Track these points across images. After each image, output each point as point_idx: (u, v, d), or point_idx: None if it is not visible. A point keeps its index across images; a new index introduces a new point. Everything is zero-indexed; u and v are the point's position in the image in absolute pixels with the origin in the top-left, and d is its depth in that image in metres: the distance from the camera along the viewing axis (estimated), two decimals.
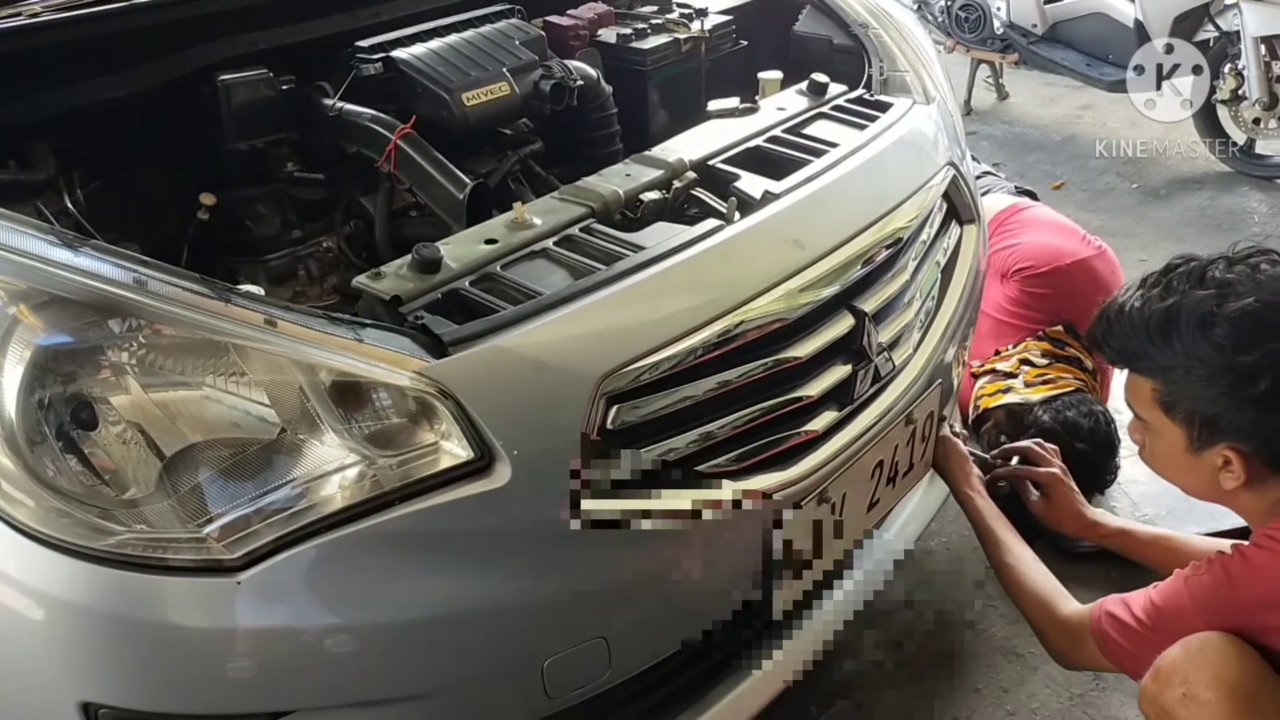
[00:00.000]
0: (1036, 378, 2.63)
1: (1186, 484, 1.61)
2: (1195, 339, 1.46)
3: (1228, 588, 1.49)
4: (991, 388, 2.67)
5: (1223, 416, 1.47)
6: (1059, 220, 2.97)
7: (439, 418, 1.28)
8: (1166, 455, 1.58)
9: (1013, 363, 2.68)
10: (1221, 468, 1.51)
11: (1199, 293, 1.47)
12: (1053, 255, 2.75)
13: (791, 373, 1.55)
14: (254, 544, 1.21)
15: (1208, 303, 1.46)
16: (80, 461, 1.21)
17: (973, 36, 4.97)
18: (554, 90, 1.86)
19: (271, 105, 1.77)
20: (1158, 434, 1.57)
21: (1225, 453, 1.49)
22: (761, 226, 1.58)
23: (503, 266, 1.46)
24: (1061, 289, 2.72)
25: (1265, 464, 1.49)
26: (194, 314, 1.21)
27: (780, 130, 1.86)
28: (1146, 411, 1.57)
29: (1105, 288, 2.74)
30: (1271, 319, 1.43)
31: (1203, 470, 1.53)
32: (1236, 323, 1.43)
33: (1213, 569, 1.51)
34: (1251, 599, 1.47)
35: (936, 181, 1.89)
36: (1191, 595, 1.51)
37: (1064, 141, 4.84)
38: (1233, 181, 4.35)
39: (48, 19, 1.59)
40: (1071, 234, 2.89)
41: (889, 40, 2.14)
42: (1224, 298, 1.45)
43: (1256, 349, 1.42)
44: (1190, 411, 1.50)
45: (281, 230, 1.82)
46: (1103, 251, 2.83)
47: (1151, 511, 2.47)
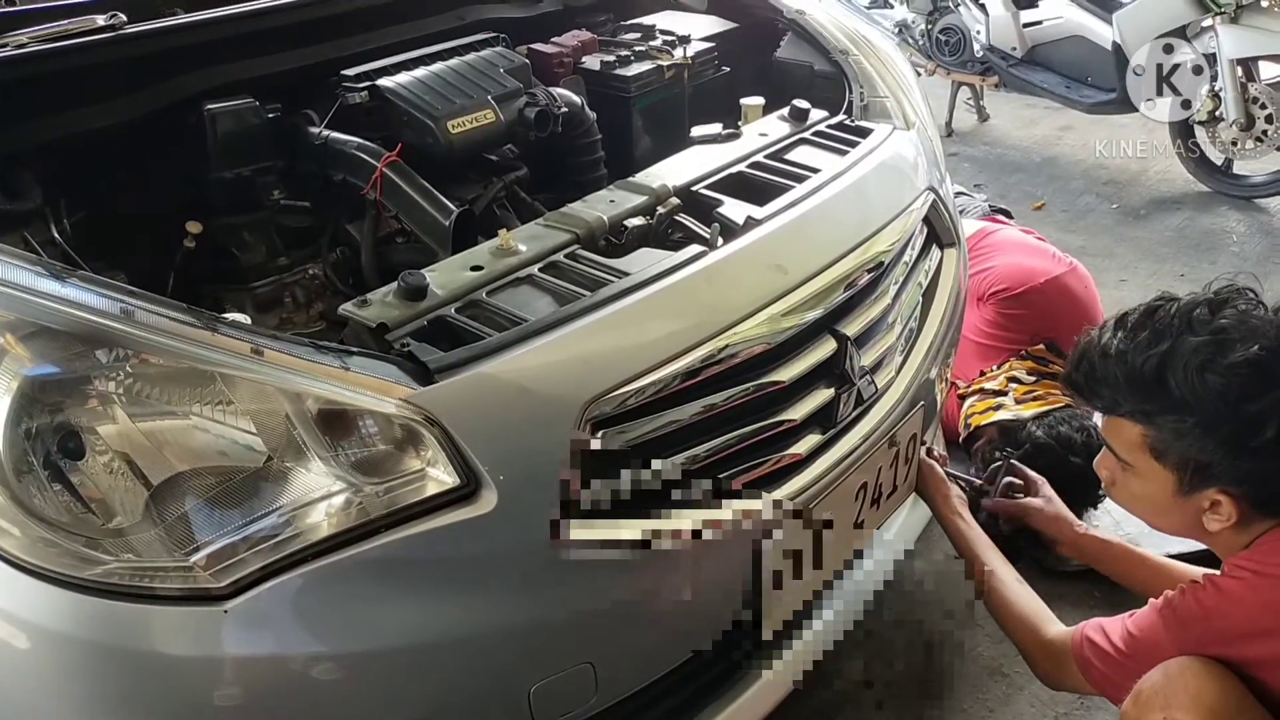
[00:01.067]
0: (1026, 394, 2.64)
1: (1168, 524, 1.59)
2: (1193, 388, 1.43)
3: (1201, 619, 1.49)
4: (982, 405, 2.68)
5: (1219, 463, 1.45)
6: (1028, 240, 3.00)
7: (425, 444, 1.28)
8: (1148, 497, 1.56)
9: (1000, 381, 2.70)
10: (1208, 509, 1.49)
11: (1192, 339, 1.44)
12: (1025, 275, 2.78)
13: (775, 396, 1.56)
14: (241, 572, 1.21)
15: (1204, 350, 1.43)
16: (67, 491, 1.21)
17: (953, 60, 5.01)
18: (539, 117, 1.87)
19: (258, 134, 1.78)
20: (1142, 477, 1.54)
21: (1216, 496, 1.47)
22: (745, 252, 1.60)
23: (488, 293, 1.47)
24: (1038, 308, 2.75)
25: (1251, 505, 1.48)
26: (181, 344, 1.22)
27: (763, 156, 1.88)
28: (1132, 455, 1.53)
29: (1080, 303, 2.78)
30: (1275, 367, 1.41)
31: (1187, 512, 1.52)
32: (1240, 371, 1.41)
33: (1186, 600, 1.51)
34: (1225, 630, 1.47)
35: (917, 206, 1.91)
36: (1166, 626, 1.51)
37: (1044, 162, 4.88)
38: (1211, 201, 4.39)
39: (34, 50, 1.59)
40: (1042, 253, 2.91)
41: (869, 67, 2.16)
42: (1221, 345, 1.43)
43: (1261, 398, 1.40)
44: (1184, 458, 1.47)
45: (268, 258, 1.82)
46: (1074, 268, 2.86)
47: (1133, 529, 2.47)
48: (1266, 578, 1.46)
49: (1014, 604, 1.78)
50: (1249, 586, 1.47)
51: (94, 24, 1.65)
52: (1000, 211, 3.33)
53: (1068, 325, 2.74)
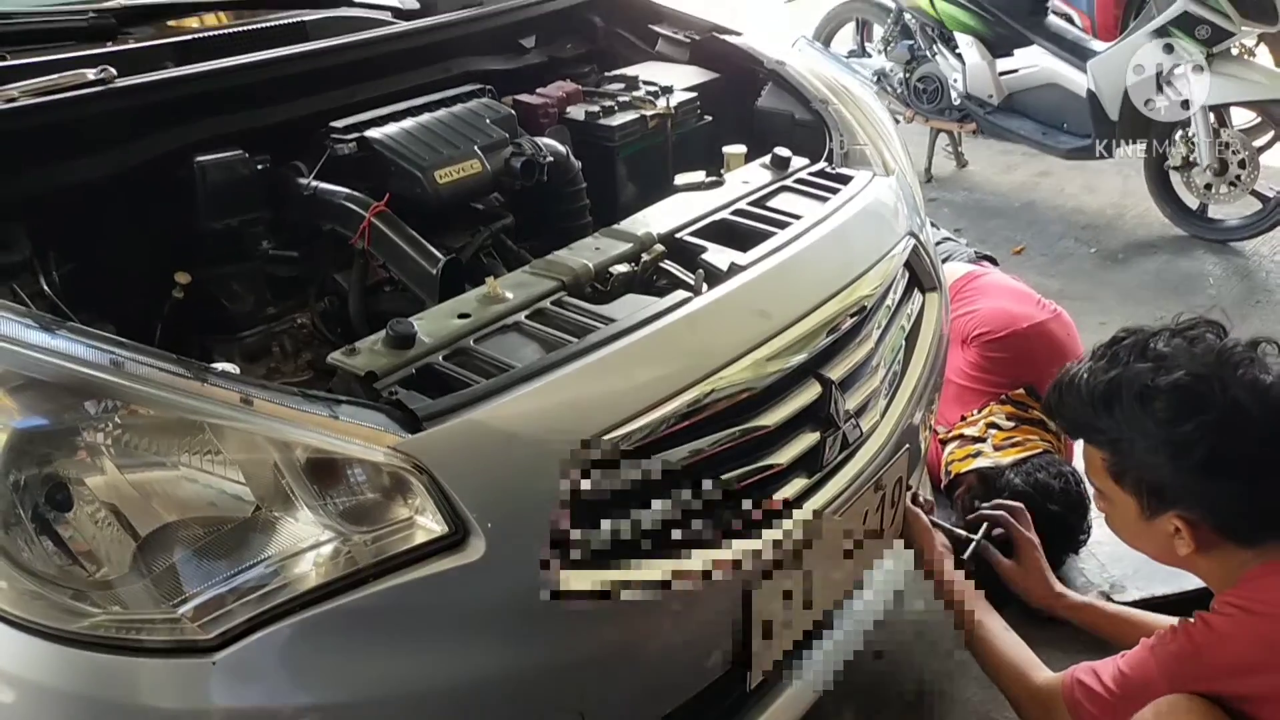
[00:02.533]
0: (1005, 440, 2.66)
1: (1148, 550, 1.65)
2: (1135, 411, 1.51)
3: (1192, 656, 1.51)
4: (961, 452, 2.69)
5: (1167, 485, 1.52)
6: (1014, 285, 3.04)
7: (413, 492, 1.29)
8: (1123, 523, 1.63)
9: (979, 427, 2.71)
10: (1174, 535, 1.54)
11: (1139, 365, 1.53)
12: (1009, 320, 2.81)
13: (761, 441, 1.57)
14: (228, 624, 1.21)
15: (1145, 375, 1.51)
16: (54, 543, 1.21)
17: (931, 107, 5.07)
18: (524, 167, 1.89)
19: (247, 185, 1.79)
20: (1112, 502, 1.62)
21: (1174, 521, 1.53)
22: (729, 297, 1.61)
23: (476, 340, 1.47)
24: (1020, 353, 2.77)
25: (1215, 531, 1.52)
26: (170, 394, 1.22)
27: (745, 203, 1.90)
28: (1100, 481, 1.62)
29: (1062, 350, 2.79)
30: (1202, 390, 1.48)
31: (1158, 537, 1.57)
32: (1169, 395, 1.49)
33: (1177, 638, 1.54)
34: (1215, 666, 1.49)
35: (898, 251, 1.94)
36: (1158, 664, 1.53)
37: (1023, 207, 4.94)
38: (1188, 245, 4.45)
39: (24, 104, 1.60)
40: (1027, 298, 2.94)
41: (848, 115, 2.19)
42: (1158, 371, 1.51)
43: (1189, 420, 1.47)
44: (1138, 480, 1.55)
45: (256, 307, 1.83)
46: (1058, 315, 2.89)
47: (1119, 573, 2.49)
48: (1255, 615, 1.49)
49: (1001, 652, 1.78)
50: (1237, 624, 1.50)
51: (84, 78, 1.66)
52: (985, 258, 3.37)
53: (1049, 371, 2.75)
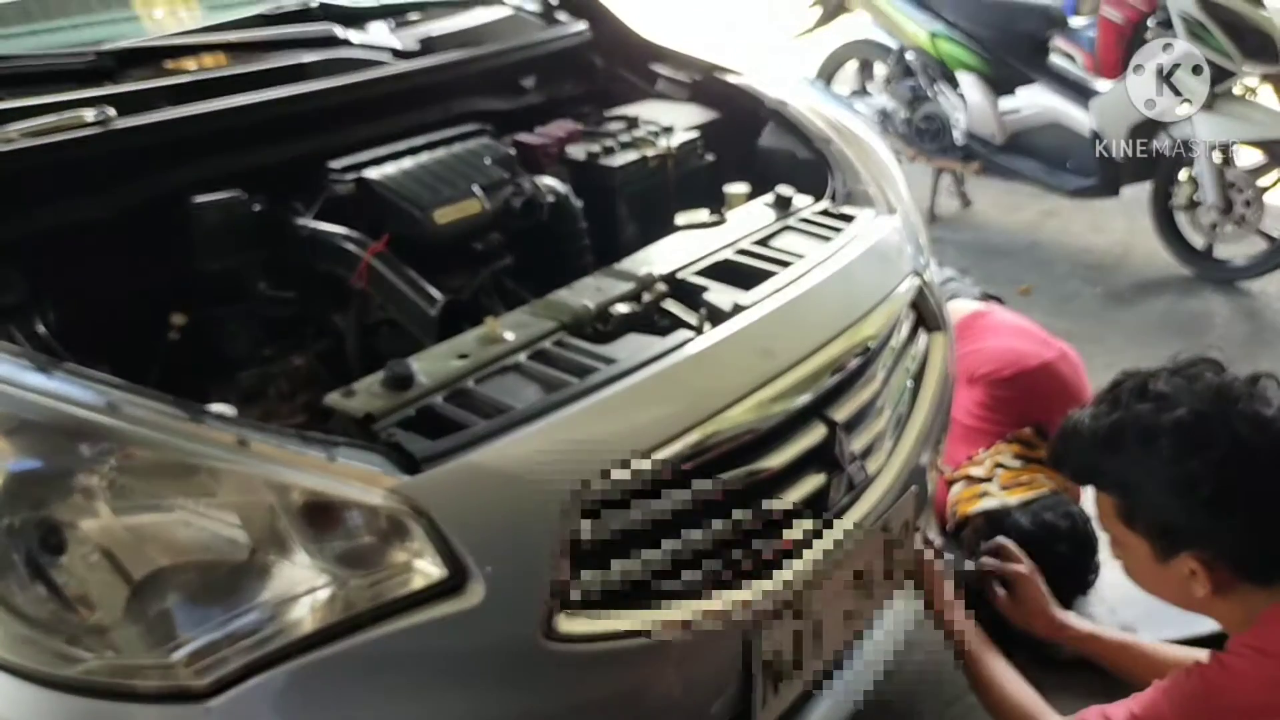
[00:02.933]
0: (1012, 480, 2.63)
1: (1166, 596, 1.63)
2: (1140, 451, 1.51)
3: (1206, 697, 1.49)
4: (968, 494, 2.66)
5: (1178, 526, 1.51)
6: (1021, 324, 3.02)
7: (411, 536, 1.27)
8: (1139, 568, 1.61)
9: (987, 466, 2.69)
10: (1190, 577, 1.53)
11: (1140, 406, 1.53)
12: (1016, 359, 2.79)
13: (766, 483, 1.55)
14: (223, 670, 1.19)
15: (1148, 416, 1.52)
16: (47, 588, 1.19)
17: (934, 147, 5.09)
18: (525, 206, 1.89)
19: (244, 225, 1.79)
20: (1126, 548, 1.60)
21: (1189, 562, 1.51)
22: (732, 337, 1.60)
23: (475, 381, 1.46)
24: (1027, 392, 2.75)
25: (1230, 571, 1.51)
26: (165, 436, 1.21)
27: (748, 242, 1.89)
28: (1112, 526, 1.61)
29: (1069, 388, 2.77)
30: (1203, 427, 1.48)
31: (1174, 581, 1.56)
32: (1173, 433, 1.49)
33: (1191, 679, 1.52)
34: (1230, 708, 1.48)
35: (903, 290, 1.92)
36: (1171, 705, 1.51)
37: (1029, 247, 4.94)
38: (1194, 285, 4.43)
39: (22, 145, 1.60)
40: (1033, 337, 2.93)
41: (851, 154, 2.19)
42: (1160, 410, 1.51)
43: (1193, 458, 1.47)
44: (1150, 523, 1.54)
45: (253, 348, 1.82)
46: (1065, 353, 2.87)
47: (1130, 615, 2.46)
48: (1271, 656, 1.48)
49: (1009, 698, 1.76)
50: (1253, 664, 1.48)
51: (83, 119, 1.66)
52: (990, 298, 3.36)
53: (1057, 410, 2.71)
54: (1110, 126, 4.38)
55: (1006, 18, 4.71)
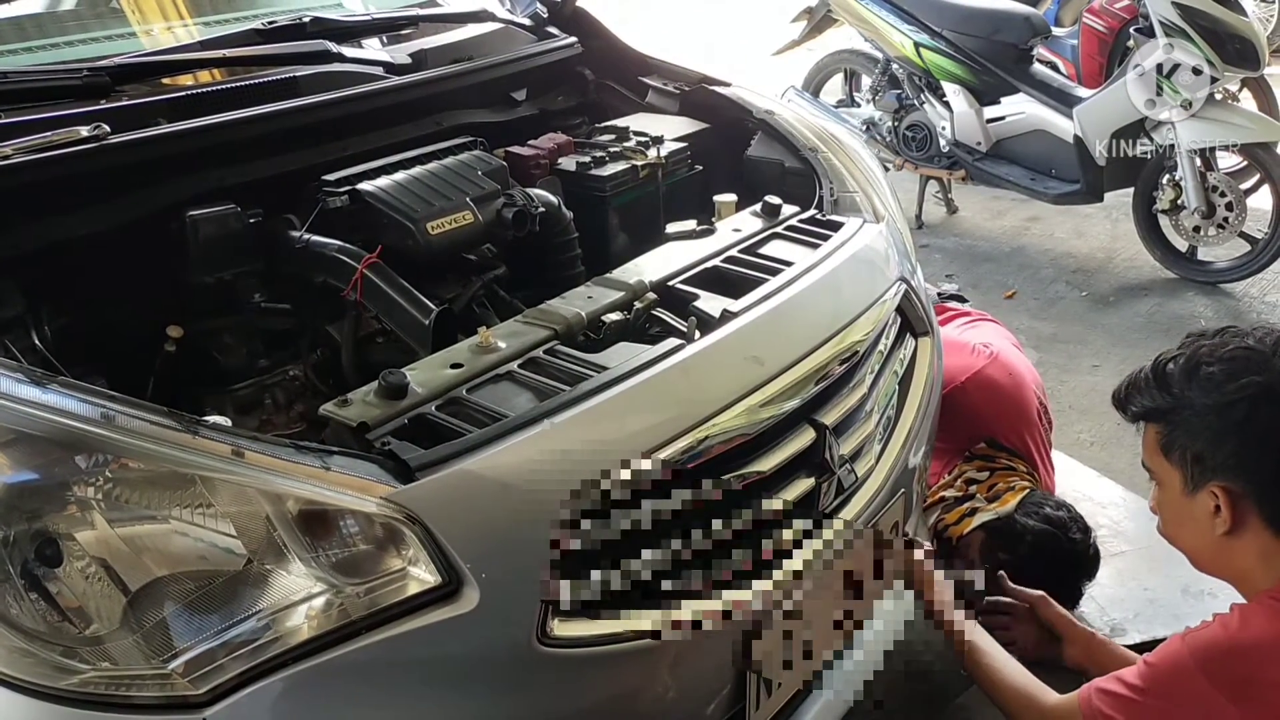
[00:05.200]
0: (990, 490, 2.61)
1: (1189, 540, 1.68)
2: (1185, 381, 1.60)
3: (1225, 644, 1.54)
4: (954, 515, 2.60)
5: (1209, 451, 1.58)
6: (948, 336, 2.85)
7: (406, 543, 1.28)
8: (1169, 506, 1.67)
9: (959, 485, 2.64)
10: (1214, 514, 1.58)
11: (1202, 343, 1.63)
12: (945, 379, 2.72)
13: (756, 487, 1.57)
14: (220, 679, 1.19)
15: (1204, 349, 1.61)
16: (44, 599, 1.20)
17: (920, 155, 5.12)
18: (516, 217, 1.90)
19: (239, 239, 1.80)
20: (1163, 483, 1.67)
21: (1214, 491, 1.57)
22: (721, 344, 1.61)
23: (468, 390, 1.47)
24: (965, 408, 2.65)
25: (1254, 509, 1.56)
26: (161, 447, 1.22)
27: (737, 250, 1.91)
28: (1152, 459, 1.68)
29: (1003, 393, 2.71)
30: (1245, 359, 1.57)
31: (1199, 517, 1.61)
32: (1222, 363, 1.57)
33: (1211, 628, 1.58)
34: (1251, 647, 1.52)
35: (889, 296, 1.95)
36: (1190, 649, 1.55)
37: (1013, 252, 4.97)
38: (1178, 288, 4.47)
39: (18, 160, 1.61)
40: (960, 349, 2.80)
41: (838, 163, 2.21)
42: (1217, 346, 1.61)
43: (1235, 381, 1.55)
44: (1184, 450, 1.61)
45: (248, 360, 1.83)
46: (994, 357, 2.76)
47: (1119, 615, 2.48)
48: None
49: (1008, 679, 1.78)
50: (1274, 612, 1.54)
51: (78, 135, 1.67)
52: (953, 298, 3.34)
53: (1000, 419, 2.70)
54: (1094, 133, 4.41)
55: (990, 27, 4.74)
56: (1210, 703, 1.52)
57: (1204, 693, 1.52)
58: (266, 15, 2.21)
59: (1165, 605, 2.49)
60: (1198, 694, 1.53)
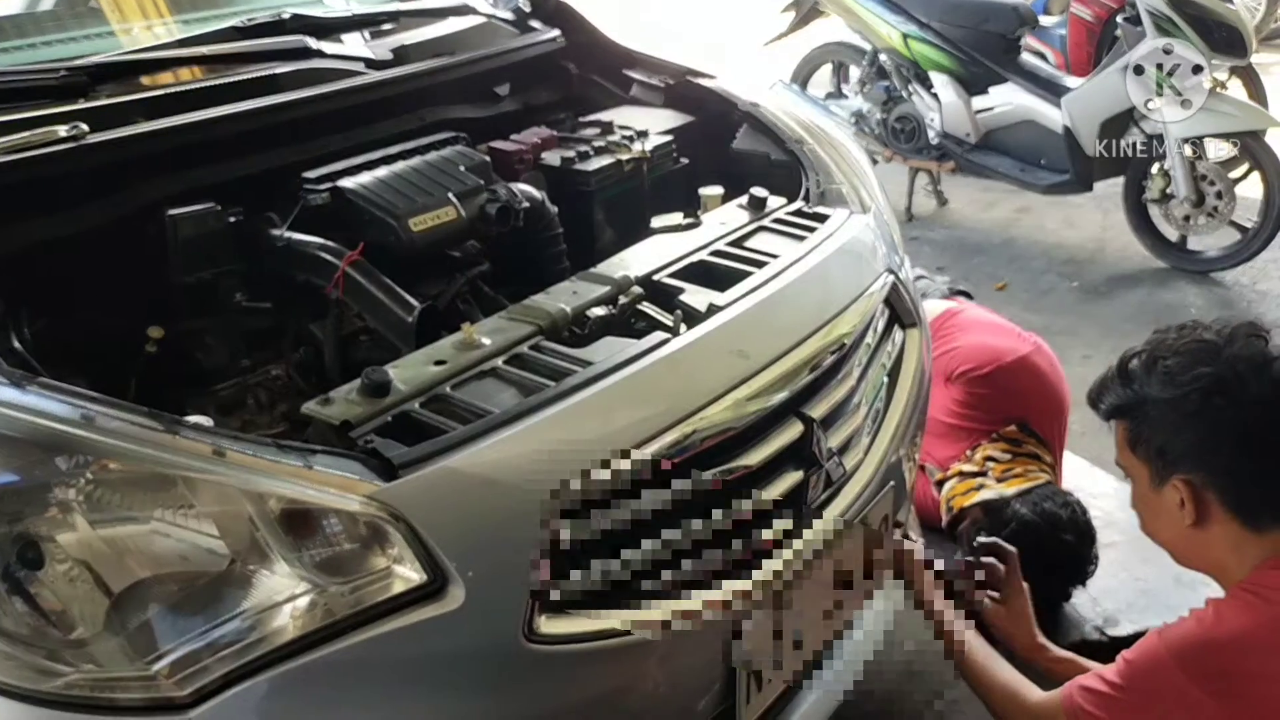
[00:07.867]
0: (1006, 472, 2.63)
1: (1162, 533, 1.69)
2: (1146, 376, 1.63)
3: (1201, 633, 1.54)
4: (962, 487, 2.66)
5: (1170, 444, 1.59)
6: (993, 320, 3.03)
7: (391, 541, 1.27)
8: (1141, 501, 1.69)
9: (978, 461, 2.69)
10: (1180, 508, 1.59)
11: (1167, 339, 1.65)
12: (992, 355, 2.79)
13: (744, 481, 1.56)
14: (204, 680, 1.19)
15: (1165, 345, 1.63)
16: (26, 602, 1.19)
17: (909, 147, 5.12)
18: (500, 213, 1.89)
19: (220, 238, 1.78)
20: (1134, 479, 1.68)
21: (1176, 483, 1.58)
22: (708, 338, 1.61)
23: (452, 387, 1.46)
24: (1006, 388, 2.75)
25: (1217, 501, 1.57)
26: (142, 448, 1.21)
27: (723, 244, 1.90)
28: (1123, 456, 1.69)
29: (1046, 381, 2.79)
30: (1202, 352, 1.58)
31: (1168, 511, 1.62)
32: (1180, 354, 1.59)
33: (1186, 622, 1.58)
34: (1226, 642, 1.52)
35: (877, 288, 1.94)
36: (1167, 644, 1.55)
37: (1004, 243, 4.97)
38: (1169, 277, 4.48)
39: None
40: (1008, 332, 2.94)
41: (824, 155, 2.20)
42: (1177, 339, 1.62)
43: (1189, 373, 1.57)
44: (1147, 445, 1.62)
45: (230, 360, 1.81)
46: (1039, 346, 2.88)
47: (1111, 606, 2.48)
48: (1265, 600, 1.53)
49: (993, 675, 1.78)
50: (1247, 605, 1.54)
51: (56, 135, 1.66)
52: (960, 293, 3.37)
53: (1037, 405, 2.76)
54: (1082, 123, 4.41)
55: (978, 17, 4.74)
56: (1188, 697, 1.52)
57: (1182, 688, 1.52)
58: (246, 12, 2.19)
59: (1158, 595, 2.49)
60: (1176, 689, 1.53)
